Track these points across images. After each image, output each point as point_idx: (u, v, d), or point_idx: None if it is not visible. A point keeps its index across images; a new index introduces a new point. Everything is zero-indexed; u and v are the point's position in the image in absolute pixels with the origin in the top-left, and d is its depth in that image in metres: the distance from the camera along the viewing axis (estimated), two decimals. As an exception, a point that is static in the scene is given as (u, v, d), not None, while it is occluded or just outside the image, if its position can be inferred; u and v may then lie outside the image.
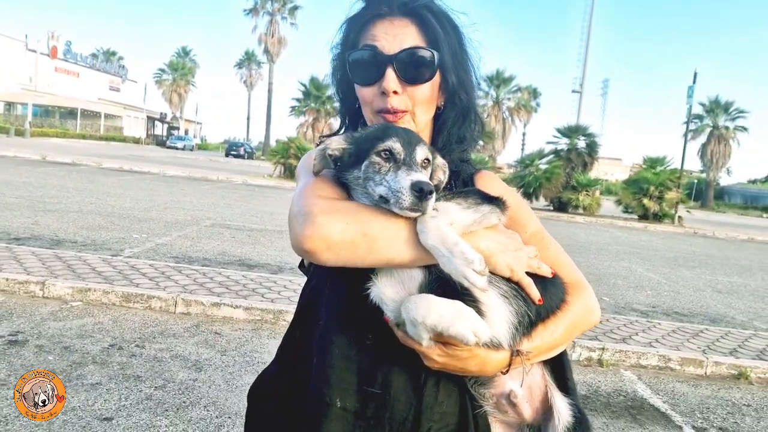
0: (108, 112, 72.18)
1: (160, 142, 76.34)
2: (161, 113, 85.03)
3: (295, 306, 1.59)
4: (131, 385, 4.22)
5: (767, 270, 15.25)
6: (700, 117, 69.95)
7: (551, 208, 29.52)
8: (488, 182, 1.63)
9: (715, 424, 4.80)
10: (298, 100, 61.59)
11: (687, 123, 28.97)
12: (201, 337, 5.42)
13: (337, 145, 1.42)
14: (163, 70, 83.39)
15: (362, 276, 1.31)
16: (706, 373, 6.05)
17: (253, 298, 6.34)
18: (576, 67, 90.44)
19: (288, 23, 74.48)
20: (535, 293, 1.33)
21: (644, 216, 28.35)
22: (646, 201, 27.88)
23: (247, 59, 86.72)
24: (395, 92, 1.47)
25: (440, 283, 1.26)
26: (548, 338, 1.37)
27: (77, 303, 5.93)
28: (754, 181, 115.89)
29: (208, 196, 18.50)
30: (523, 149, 66.72)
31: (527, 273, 1.35)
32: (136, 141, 69.37)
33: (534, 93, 68.12)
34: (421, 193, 1.21)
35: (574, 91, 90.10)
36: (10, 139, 42.04)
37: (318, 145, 1.50)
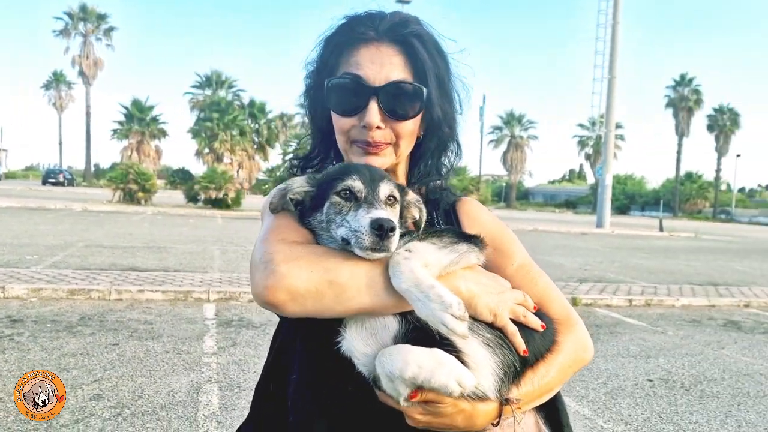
0: None
1: (-38, 173, 69.94)
2: (-39, 141, 77.39)
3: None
4: (116, 334, 6.68)
5: (536, 251, 20.24)
6: (500, 128, 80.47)
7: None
8: (471, 210, 1.57)
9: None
10: (120, 123, 60.40)
11: (480, 138, 34.99)
12: (139, 310, 7.86)
13: (299, 188, 1.35)
14: (-43, 94, 76.14)
15: (336, 322, 1.23)
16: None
17: (165, 285, 8.83)
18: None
19: (104, 44, 72.51)
20: (519, 343, 1.25)
21: (453, 216, 33.54)
22: (453, 203, 33.10)
23: (56, 80, 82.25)
24: (378, 127, 1.40)
25: (417, 332, 1.17)
26: (539, 383, 1.29)
27: (34, 299, 8.01)
28: (553, 182, 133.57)
29: (59, 223, 19.52)
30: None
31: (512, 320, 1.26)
32: (-68, 173, 62.97)
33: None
34: (381, 230, 1.14)
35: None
36: None
37: (286, 163, 1.57)
